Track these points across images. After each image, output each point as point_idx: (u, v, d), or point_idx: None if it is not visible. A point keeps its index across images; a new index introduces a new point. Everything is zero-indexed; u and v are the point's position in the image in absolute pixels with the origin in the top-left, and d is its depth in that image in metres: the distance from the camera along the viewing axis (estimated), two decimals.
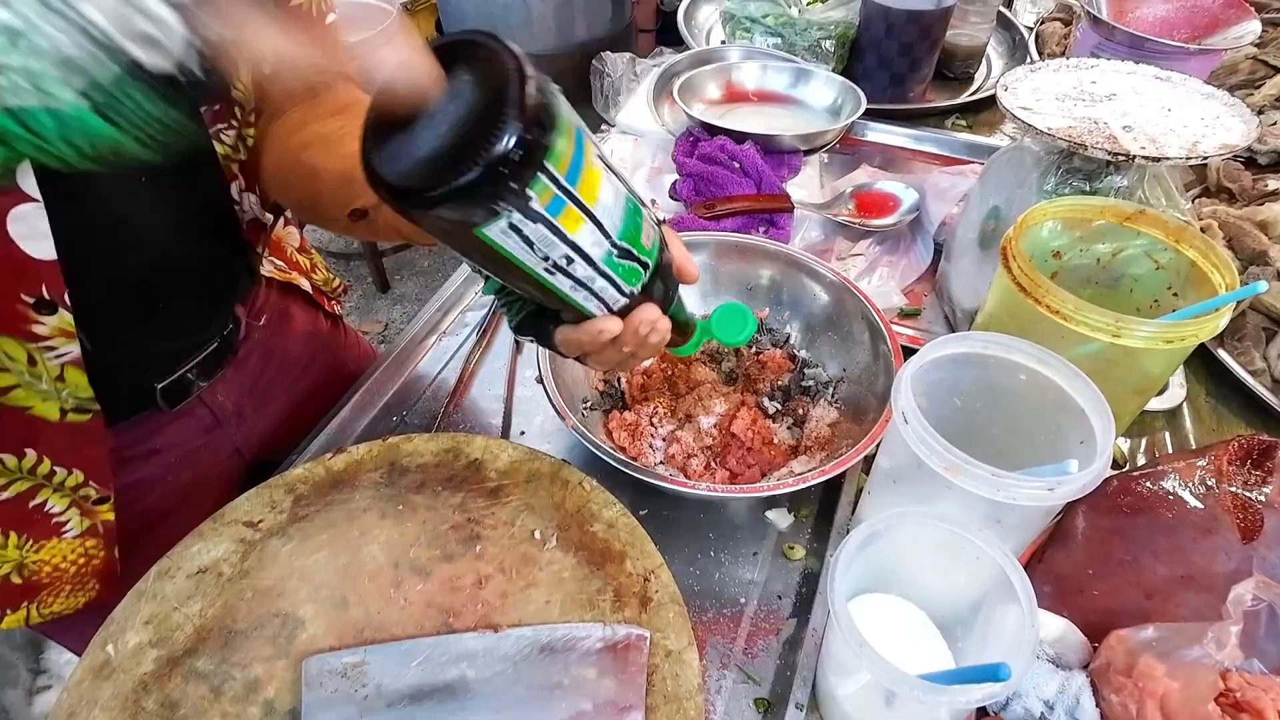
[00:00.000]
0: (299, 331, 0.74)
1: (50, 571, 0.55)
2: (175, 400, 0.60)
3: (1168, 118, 0.59)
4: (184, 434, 0.63)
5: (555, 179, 0.29)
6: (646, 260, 0.37)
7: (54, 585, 0.56)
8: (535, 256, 0.31)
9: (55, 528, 0.53)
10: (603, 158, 0.32)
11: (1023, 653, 0.36)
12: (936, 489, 0.43)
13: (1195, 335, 0.47)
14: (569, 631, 0.45)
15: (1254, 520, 0.49)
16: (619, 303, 0.38)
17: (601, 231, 0.33)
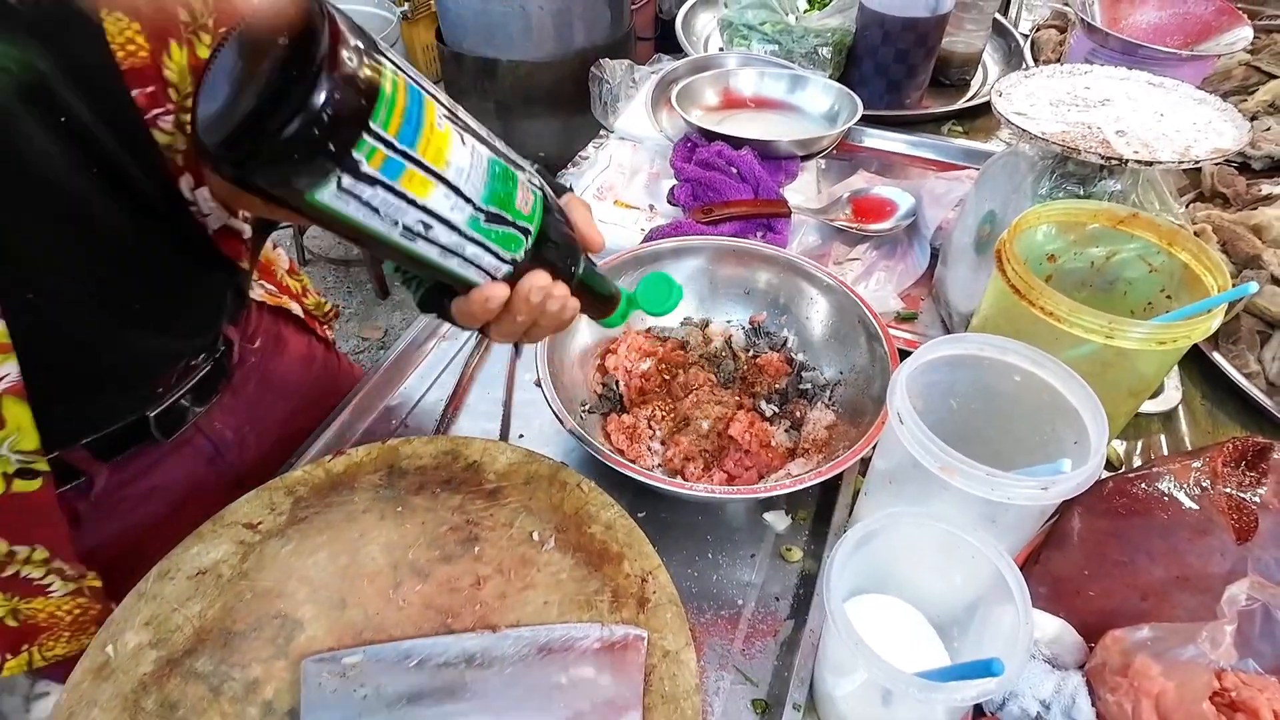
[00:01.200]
0: (294, 355, 0.72)
1: (46, 618, 0.53)
2: (170, 430, 0.57)
3: (1160, 123, 0.60)
4: (185, 467, 0.61)
5: (385, 140, 0.28)
6: (525, 225, 0.37)
7: (52, 630, 0.53)
8: (385, 222, 0.31)
9: (39, 589, 0.51)
10: (453, 118, 0.32)
11: (1018, 650, 0.37)
12: (932, 489, 0.43)
13: (1188, 336, 0.47)
14: (567, 632, 0.46)
15: (1248, 521, 0.49)
16: (502, 270, 0.37)
17: (459, 195, 0.32)
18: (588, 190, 0.94)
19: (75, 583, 0.52)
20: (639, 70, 1.12)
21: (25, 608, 0.51)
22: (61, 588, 0.52)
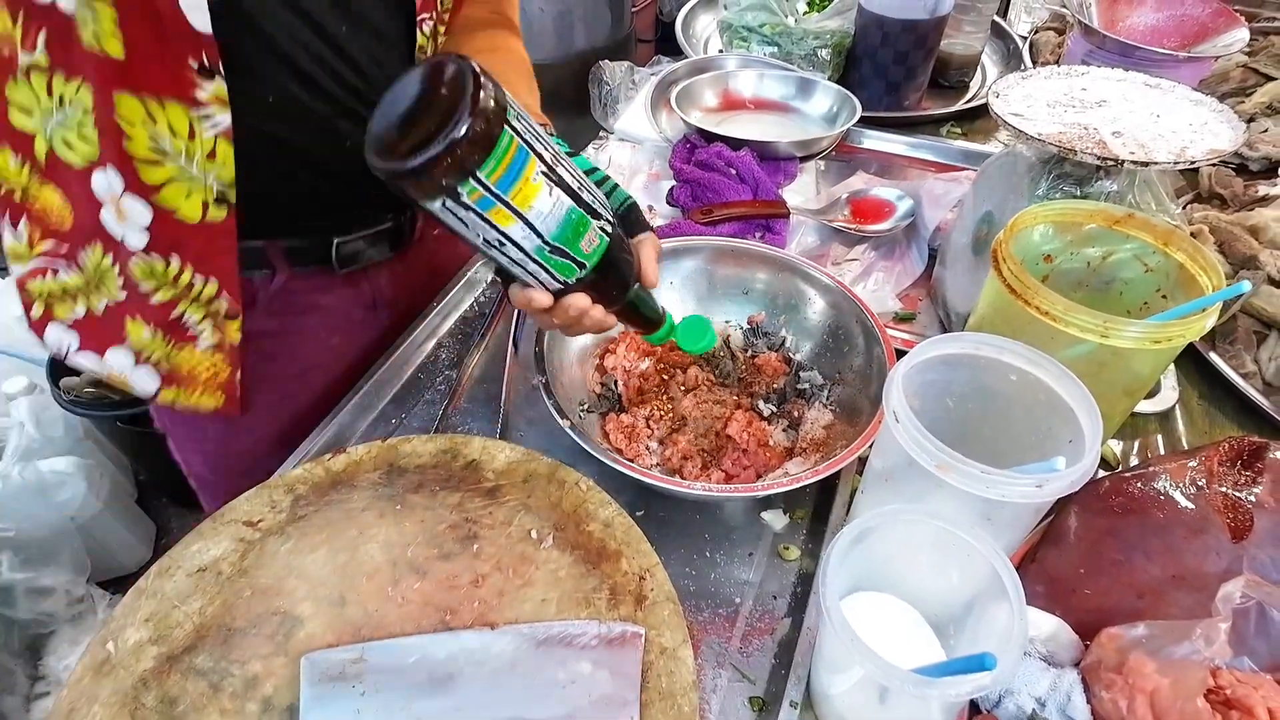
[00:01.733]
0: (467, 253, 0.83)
1: (187, 372, 0.63)
2: (346, 263, 0.67)
3: (1156, 124, 0.60)
4: (346, 302, 0.72)
5: (485, 185, 0.38)
6: (583, 260, 0.45)
7: (190, 384, 0.63)
8: (471, 233, 0.41)
9: (191, 337, 0.61)
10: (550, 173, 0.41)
11: (1012, 646, 0.37)
12: (928, 487, 0.43)
13: (1182, 336, 0.47)
14: (565, 629, 0.46)
15: (1244, 520, 0.49)
16: (553, 285, 0.47)
17: (533, 230, 0.42)
18: None
19: (221, 332, 0.62)
20: (639, 72, 1.13)
21: (175, 356, 0.62)
22: (209, 338, 0.62)
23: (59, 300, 0.59)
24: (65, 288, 0.59)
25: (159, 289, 0.58)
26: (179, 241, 0.56)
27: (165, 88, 0.49)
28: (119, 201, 0.54)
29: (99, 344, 0.61)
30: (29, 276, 0.59)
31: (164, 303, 0.58)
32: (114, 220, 0.55)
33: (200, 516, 1.59)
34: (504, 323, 0.78)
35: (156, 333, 0.60)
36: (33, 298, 0.60)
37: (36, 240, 0.57)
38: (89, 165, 0.53)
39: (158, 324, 0.60)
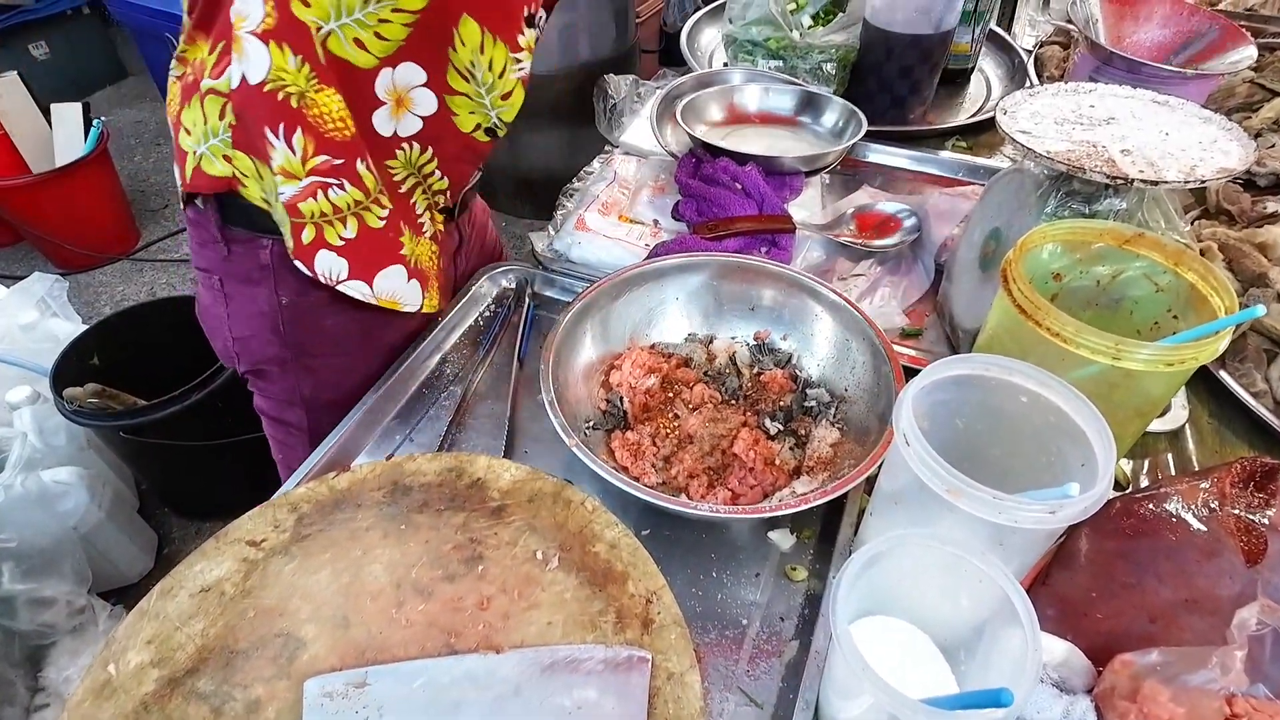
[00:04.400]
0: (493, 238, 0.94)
1: (427, 266, 0.70)
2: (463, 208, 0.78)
3: (1166, 141, 0.60)
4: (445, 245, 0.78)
5: None
6: None
7: (429, 280, 0.70)
8: None
9: (420, 226, 0.68)
10: None
11: (1026, 677, 0.36)
12: (938, 511, 0.43)
13: (1195, 358, 0.47)
14: (571, 653, 0.45)
15: (1258, 543, 0.49)
16: None
17: None
18: (592, 205, 0.94)
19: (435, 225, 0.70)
20: (644, 85, 1.13)
21: (418, 251, 0.68)
22: (430, 226, 0.69)
23: (330, 222, 0.60)
24: (341, 204, 0.60)
25: (407, 177, 0.64)
26: (441, 138, 0.62)
27: (501, 28, 0.55)
28: (409, 93, 0.58)
29: (368, 268, 0.65)
30: (301, 196, 0.58)
31: (406, 191, 0.65)
32: (387, 117, 0.58)
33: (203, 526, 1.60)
34: (509, 339, 0.78)
35: (409, 232, 0.66)
36: (305, 220, 0.60)
37: (310, 154, 0.57)
38: (377, 65, 0.55)
39: (407, 223, 0.66)
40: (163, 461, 1.46)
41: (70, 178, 2.11)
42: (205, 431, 1.40)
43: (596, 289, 0.68)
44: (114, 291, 2.30)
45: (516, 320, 0.79)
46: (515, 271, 0.84)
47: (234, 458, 1.46)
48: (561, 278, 0.83)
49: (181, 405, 1.31)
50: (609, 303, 0.69)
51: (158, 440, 1.36)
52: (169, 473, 1.52)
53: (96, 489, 1.37)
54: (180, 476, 1.53)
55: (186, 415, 1.32)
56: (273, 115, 0.55)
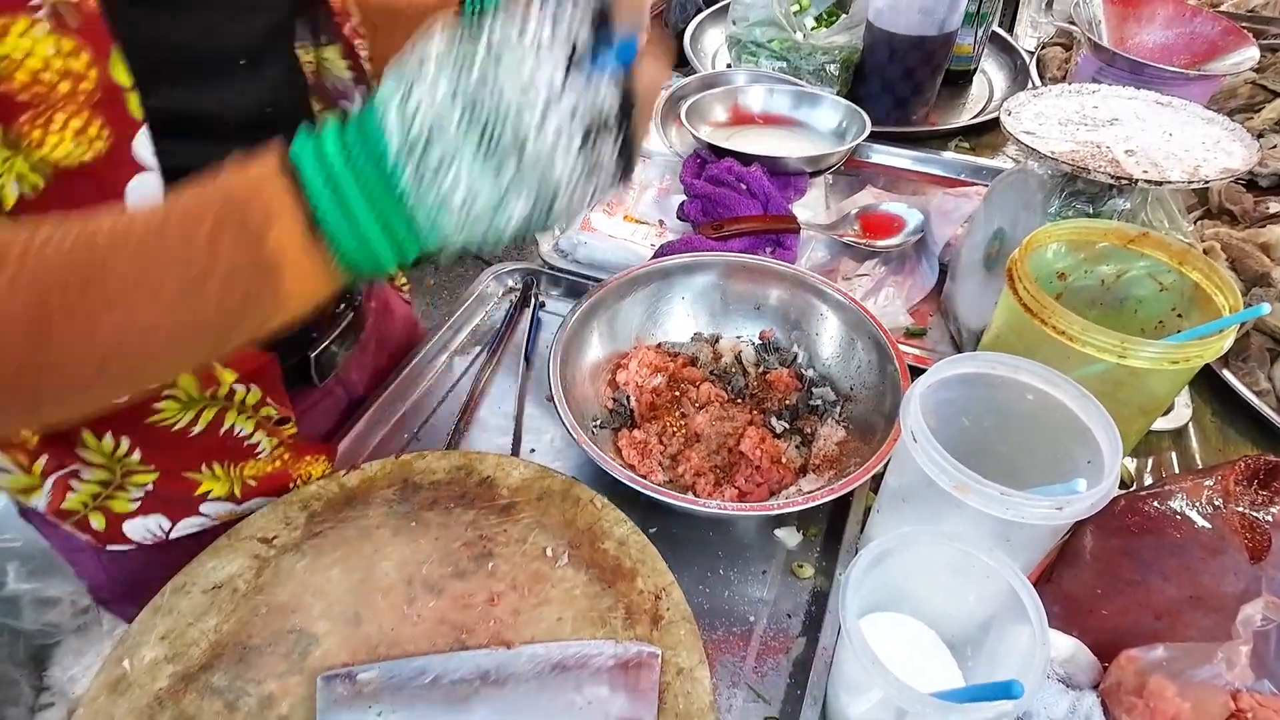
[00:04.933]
0: (400, 318, 0.79)
1: (266, 479, 0.58)
2: (324, 374, 0.63)
3: (1169, 142, 0.60)
4: (328, 415, 0.68)
5: None
6: None
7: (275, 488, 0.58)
8: None
9: (249, 450, 0.56)
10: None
11: (1034, 671, 0.37)
12: (945, 508, 0.43)
13: (1200, 356, 0.47)
14: (581, 649, 0.46)
15: (1262, 540, 0.49)
16: None
17: None
18: (597, 206, 0.95)
19: (278, 437, 0.58)
20: None
21: (246, 476, 0.57)
22: (267, 445, 0.57)
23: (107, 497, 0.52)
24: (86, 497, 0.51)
25: (201, 410, 0.52)
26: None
27: None
28: None
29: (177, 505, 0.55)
30: (57, 495, 0.50)
31: (209, 424, 0.53)
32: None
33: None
34: (515, 338, 0.78)
35: (214, 468, 0.55)
36: (83, 511, 0.52)
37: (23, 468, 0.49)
38: None
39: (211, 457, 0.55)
40: None
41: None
42: None
43: (603, 289, 0.68)
44: None
45: (523, 320, 0.80)
46: (521, 272, 0.84)
47: None
48: (567, 278, 0.83)
49: None
50: (615, 302, 0.70)
51: None
52: None
53: None
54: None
55: None
56: None
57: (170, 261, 0.33)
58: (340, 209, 0.33)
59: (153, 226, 0.33)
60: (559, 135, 0.33)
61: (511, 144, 0.33)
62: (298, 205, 0.33)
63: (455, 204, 0.34)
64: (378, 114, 0.33)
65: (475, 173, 0.33)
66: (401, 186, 0.33)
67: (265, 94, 0.49)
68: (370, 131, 0.33)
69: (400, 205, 0.34)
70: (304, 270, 0.34)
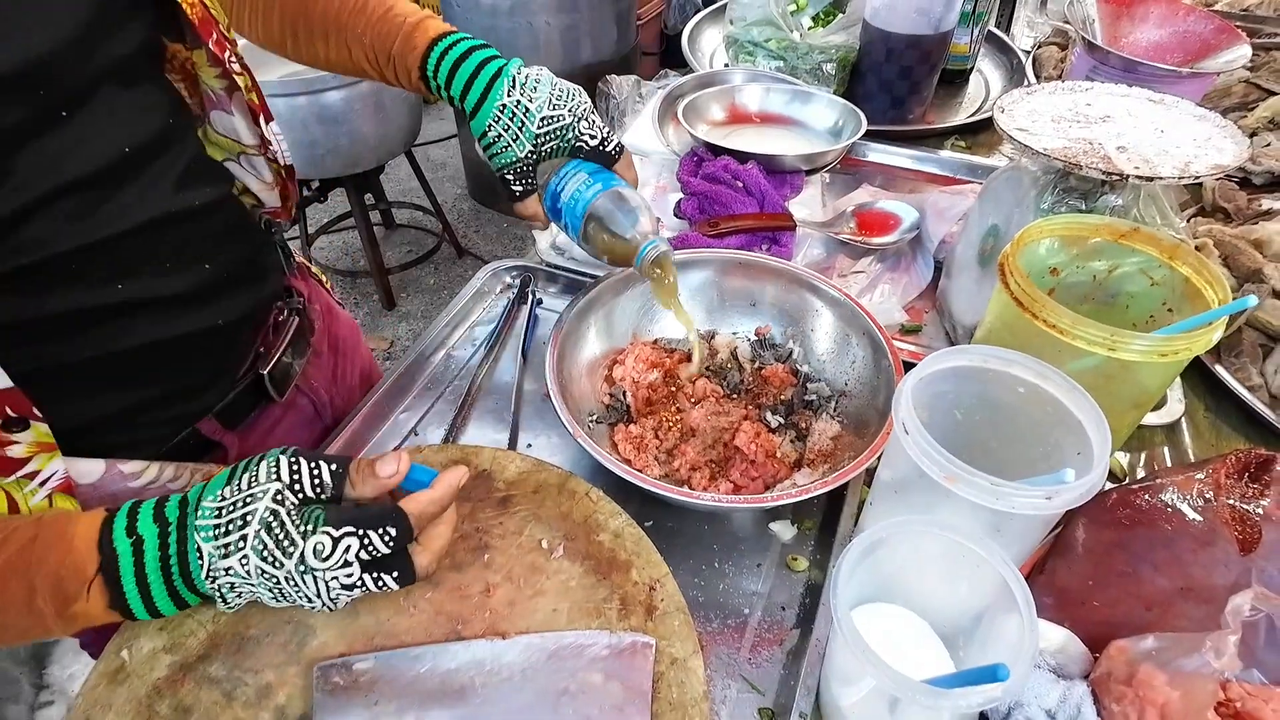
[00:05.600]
0: (345, 323, 0.79)
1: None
2: (281, 387, 0.63)
3: (1161, 139, 0.61)
4: (295, 429, 0.68)
5: None
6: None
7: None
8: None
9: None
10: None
11: (1023, 658, 0.37)
12: (937, 498, 0.44)
13: (1189, 349, 0.48)
14: (576, 639, 0.46)
15: (1252, 532, 0.50)
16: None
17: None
18: None
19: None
20: (645, 86, 1.14)
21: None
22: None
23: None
24: None
25: None
26: None
27: None
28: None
29: None
30: None
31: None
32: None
33: None
34: (513, 335, 0.78)
35: None
36: None
37: None
38: None
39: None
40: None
41: None
42: None
43: (599, 285, 0.69)
44: None
45: (520, 317, 0.80)
46: (519, 269, 0.85)
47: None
48: (564, 275, 0.84)
49: None
50: (612, 298, 0.70)
51: None
52: None
53: None
54: None
55: None
56: None
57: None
58: (143, 601, 0.42)
59: None
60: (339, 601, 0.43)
61: (298, 602, 0.43)
62: (106, 592, 0.41)
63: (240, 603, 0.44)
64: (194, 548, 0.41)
65: (264, 598, 0.43)
66: (201, 590, 0.42)
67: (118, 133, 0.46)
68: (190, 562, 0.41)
69: (194, 596, 0.43)
70: (95, 619, 0.42)
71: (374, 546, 0.42)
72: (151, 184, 0.49)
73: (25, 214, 0.41)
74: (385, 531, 0.42)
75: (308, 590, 0.42)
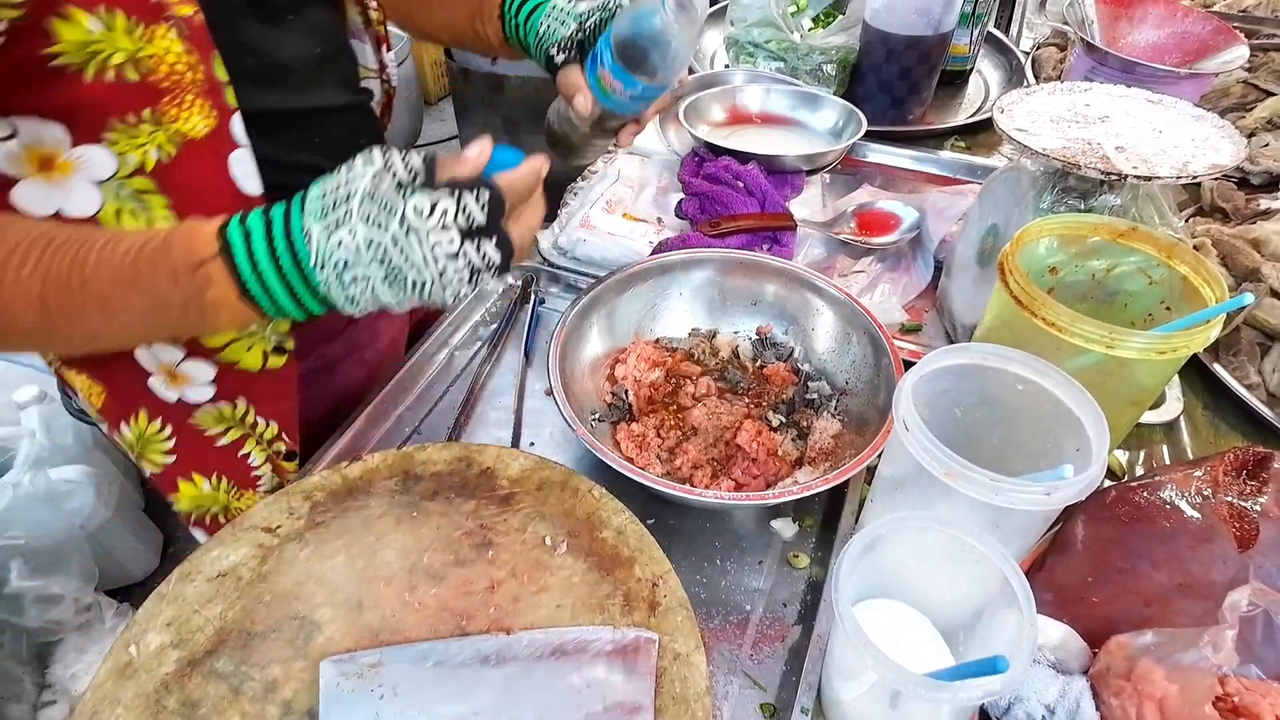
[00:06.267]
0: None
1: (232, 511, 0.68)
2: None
3: (1159, 139, 0.61)
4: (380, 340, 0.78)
5: None
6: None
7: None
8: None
9: (253, 480, 0.66)
10: None
11: (1022, 652, 0.37)
12: (937, 495, 0.44)
13: (1187, 346, 0.48)
14: (580, 634, 0.46)
15: (1250, 529, 0.50)
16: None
17: None
18: (597, 203, 0.96)
19: (281, 475, 0.67)
20: None
21: (235, 506, 0.67)
22: (268, 482, 0.67)
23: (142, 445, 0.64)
24: (128, 443, 0.64)
25: (228, 429, 0.63)
26: (244, 388, 0.61)
27: None
28: (175, 369, 0.59)
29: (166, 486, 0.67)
30: (112, 430, 0.64)
31: (233, 443, 0.64)
32: (164, 386, 0.60)
33: None
34: (515, 334, 0.79)
35: (220, 482, 0.66)
36: (127, 443, 0.65)
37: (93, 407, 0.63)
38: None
39: (222, 471, 0.65)
40: None
41: None
42: None
43: (602, 284, 0.69)
44: None
45: (522, 316, 0.80)
46: (521, 268, 0.85)
47: None
48: (566, 274, 0.84)
49: None
50: (614, 298, 0.71)
51: None
52: None
53: (103, 488, 1.38)
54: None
55: None
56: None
57: (136, 290, 0.44)
58: (263, 291, 0.44)
59: (127, 261, 0.43)
60: (448, 277, 0.44)
61: (410, 282, 0.44)
62: (230, 279, 0.43)
63: (361, 299, 0.45)
64: (302, 231, 0.43)
65: (378, 283, 0.44)
66: (316, 283, 0.44)
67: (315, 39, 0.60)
68: (297, 244, 0.43)
69: (314, 294, 0.44)
70: (234, 312, 0.45)
71: (470, 211, 0.43)
72: (332, 79, 0.63)
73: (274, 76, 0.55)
74: (479, 194, 0.43)
75: (415, 256, 0.42)
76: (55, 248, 0.43)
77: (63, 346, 0.47)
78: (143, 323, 0.46)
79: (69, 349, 0.48)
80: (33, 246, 0.43)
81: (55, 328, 0.44)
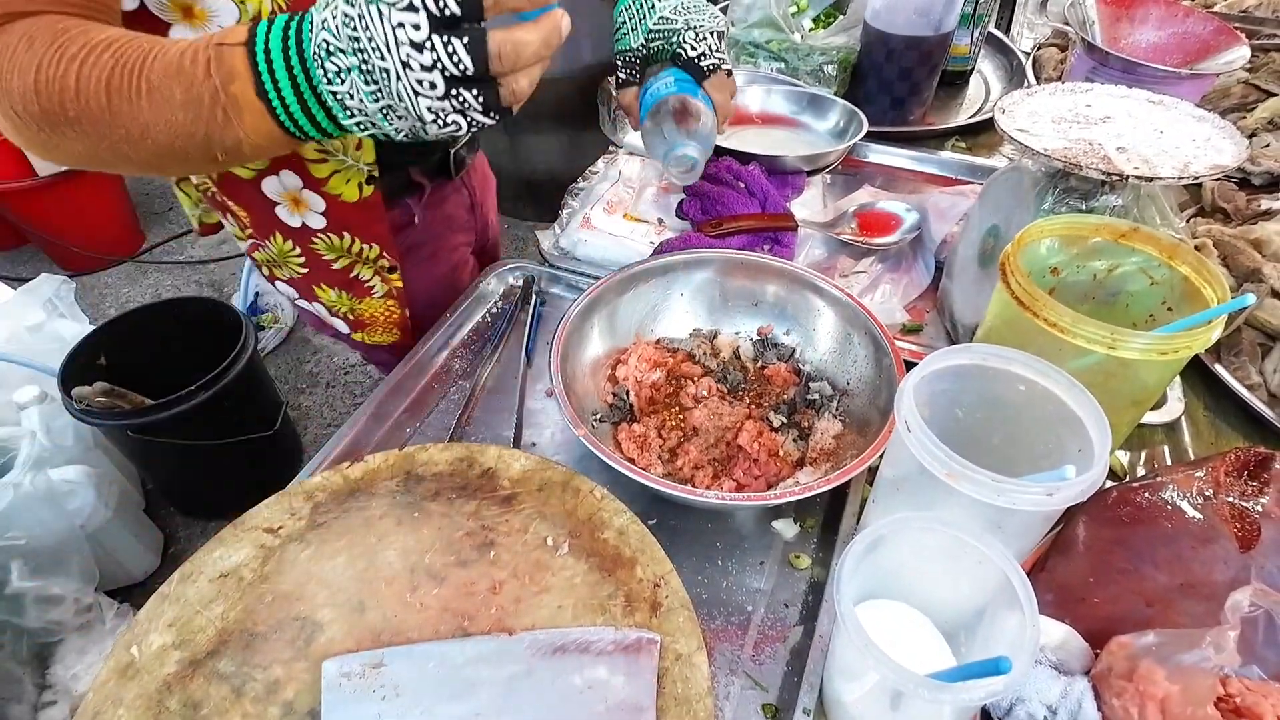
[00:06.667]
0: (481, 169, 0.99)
1: (369, 316, 0.85)
2: (459, 168, 0.86)
3: (1160, 139, 0.61)
4: (459, 206, 0.91)
5: None
6: None
7: (373, 325, 0.86)
8: None
9: (367, 290, 0.82)
10: None
11: (1024, 652, 0.37)
12: (938, 495, 0.44)
13: (1188, 347, 0.48)
14: (581, 635, 0.46)
15: (1251, 530, 0.50)
16: None
17: None
18: (598, 204, 0.96)
19: (388, 283, 0.82)
20: None
21: (358, 307, 0.84)
22: (380, 289, 0.82)
23: (272, 265, 0.80)
24: (270, 259, 0.79)
25: (339, 258, 0.77)
26: (345, 220, 0.72)
27: None
28: (298, 194, 0.70)
29: (309, 296, 0.83)
30: (250, 250, 0.80)
31: (344, 267, 0.78)
32: (288, 213, 0.72)
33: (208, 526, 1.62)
34: (516, 335, 0.79)
35: (341, 292, 0.81)
36: (259, 263, 0.81)
37: (240, 228, 0.76)
38: (258, 175, 0.68)
39: (341, 285, 0.80)
40: (169, 460, 1.47)
41: (75, 180, 2.12)
42: (212, 431, 1.41)
43: (603, 285, 0.69)
44: (119, 294, 2.32)
45: (523, 317, 0.80)
46: (522, 269, 0.85)
47: (240, 457, 1.48)
48: (567, 275, 0.84)
49: (188, 404, 1.33)
50: (615, 298, 0.71)
51: (165, 439, 1.37)
52: (175, 472, 1.54)
53: (103, 488, 1.38)
54: (186, 475, 1.54)
55: (193, 414, 1.34)
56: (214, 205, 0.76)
57: (179, 80, 0.46)
58: (272, 82, 0.45)
59: (173, 56, 0.46)
60: (420, 83, 0.43)
61: (383, 76, 0.43)
62: (250, 72, 0.45)
63: (350, 104, 0.45)
64: (309, 20, 0.44)
65: (360, 85, 0.44)
66: (315, 77, 0.44)
67: None
68: (303, 32, 0.44)
69: (312, 90, 0.45)
70: (255, 114, 0.46)
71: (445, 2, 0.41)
72: None
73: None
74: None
75: (379, 38, 0.41)
76: (133, 43, 0.47)
77: (120, 142, 0.48)
78: (181, 117, 0.47)
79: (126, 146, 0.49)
80: (115, 39, 0.47)
81: (116, 114, 0.47)
